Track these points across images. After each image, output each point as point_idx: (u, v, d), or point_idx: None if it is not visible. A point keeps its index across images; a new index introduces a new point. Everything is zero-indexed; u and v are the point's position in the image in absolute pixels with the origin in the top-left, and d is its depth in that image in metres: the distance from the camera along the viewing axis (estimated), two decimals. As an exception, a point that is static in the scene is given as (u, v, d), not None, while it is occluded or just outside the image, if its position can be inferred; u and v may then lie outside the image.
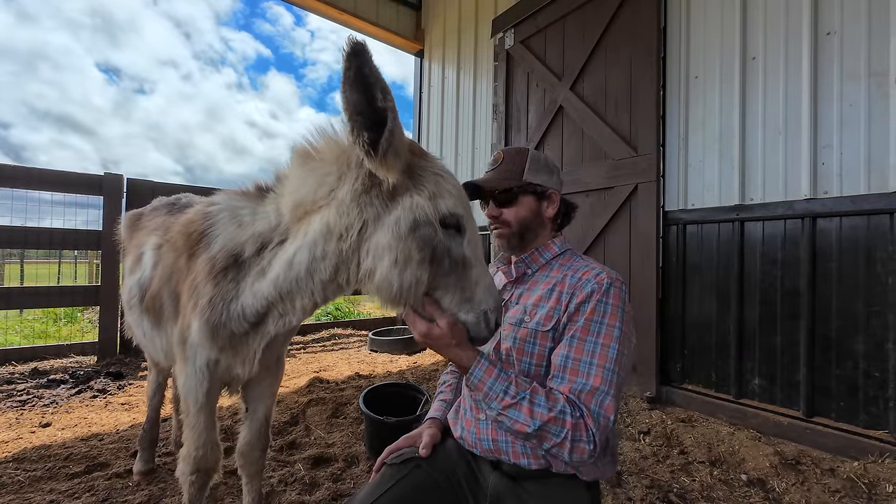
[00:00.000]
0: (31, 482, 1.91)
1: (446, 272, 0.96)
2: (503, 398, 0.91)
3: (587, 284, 1.02)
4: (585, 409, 0.90)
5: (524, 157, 1.18)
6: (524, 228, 1.16)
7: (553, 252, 1.17)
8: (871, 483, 1.91)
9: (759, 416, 2.48)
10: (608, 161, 3.38)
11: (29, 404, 2.87)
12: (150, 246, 1.59)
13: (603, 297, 0.99)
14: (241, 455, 1.51)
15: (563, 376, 0.95)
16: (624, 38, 3.33)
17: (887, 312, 2.14)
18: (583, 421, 0.89)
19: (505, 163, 1.19)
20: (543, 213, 1.18)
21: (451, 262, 0.96)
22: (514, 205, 1.16)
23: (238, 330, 1.17)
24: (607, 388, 0.91)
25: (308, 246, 1.04)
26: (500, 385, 0.92)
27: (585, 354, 0.95)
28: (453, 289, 0.96)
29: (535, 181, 1.16)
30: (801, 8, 2.46)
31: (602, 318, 0.97)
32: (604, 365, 0.93)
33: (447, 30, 5.48)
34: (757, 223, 2.61)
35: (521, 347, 1.05)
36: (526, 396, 0.90)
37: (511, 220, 1.16)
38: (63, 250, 4.68)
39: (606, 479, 1.98)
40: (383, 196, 0.97)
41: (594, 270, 1.05)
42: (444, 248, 0.95)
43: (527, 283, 1.16)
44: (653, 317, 3.01)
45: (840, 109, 2.31)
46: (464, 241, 0.97)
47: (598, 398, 0.91)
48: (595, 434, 0.88)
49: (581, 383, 0.92)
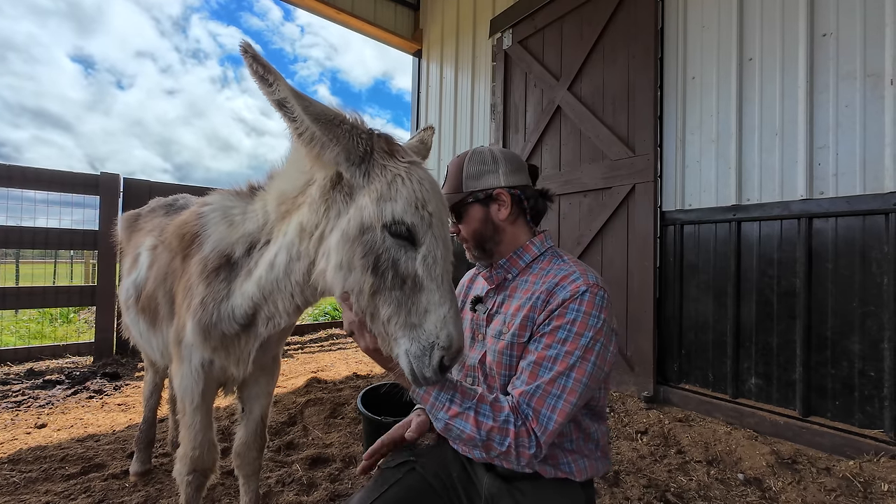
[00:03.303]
0: (26, 483, 1.90)
1: (390, 287, 0.86)
2: (449, 407, 0.89)
3: (561, 291, 0.97)
4: (532, 413, 0.89)
5: (461, 165, 1.11)
6: (481, 240, 1.09)
7: (532, 254, 1.10)
8: (866, 482, 1.92)
9: (755, 416, 2.49)
10: (606, 161, 3.39)
11: (24, 405, 2.86)
12: (146, 247, 1.59)
13: (575, 305, 0.94)
14: (238, 455, 1.50)
15: (522, 378, 0.94)
16: (621, 38, 3.34)
17: (882, 312, 2.15)
18: (524, 427, 0.87)
19: (449, 178, 1.13)
20: (494, 217, 1.09)
21: (395, 277, 0.86)
22: (463, 220, 1.10)
23: (229, 331, 1.17)
24: (560, 392, 0.89)
25: (286, 246, 1.03)
26: (445, 395, 0.89)
27: (547, 360, 0.92)
28: (398, 309, 0.85)
29: (475, 188, 1.08)
30: (797, 10, 2.47)
31: (571, 327, 0.93)
32: (562, 371, 0.90)
33: (445, 30, 5.48)
34: (753, 223, 2.62)
35: (500, 360, 1.02)
36: (472, 406, 0.88)
37: (467, 236, 1.11)
38: (59, 250, 4.66)
39: (601, 475, 1.98)
40: (344, 194, 0.93)
41: (571, 276, 0.99)
42: (388, 260, 0.86)
43: (507, 290, 1.10)
44: (650, 317, 3.02)
45: (836, 110, 2.33)
46: (417, 257, 0.87)
47: (549, 402, 0.89)
48: (540, 437, 0.87)
49: (535, 386, 0.90)
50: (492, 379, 1.06)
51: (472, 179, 1.09)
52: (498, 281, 1.11)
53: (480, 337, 1.11)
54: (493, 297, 1.12)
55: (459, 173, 1.11)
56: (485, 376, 1.08)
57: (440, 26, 5.57)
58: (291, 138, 0.92)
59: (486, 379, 1.08)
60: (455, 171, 1.12)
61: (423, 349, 0.83)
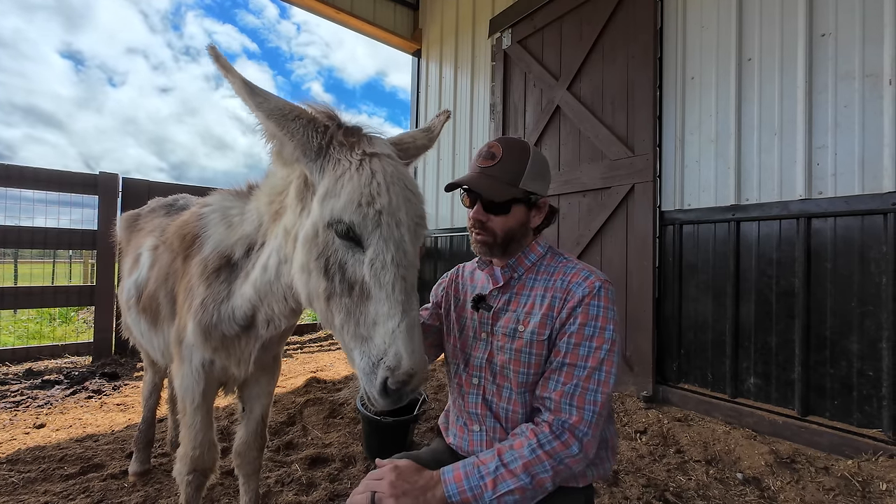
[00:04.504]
0: (25, 484, 1.90)
1: (340, 293, 0.80)
2: (485, 483, 0.84)
3: (578, 288, 0.99)
4: (575, 412, 0.90)
5: (526, 159, 1.04)
6: (509, 239, 1.06)
7: (538, 253, 1.11)
8: (864, 481, 1.93)
9: (754, 415, 2.50)
10: (605, 161, 3.39)
11: (23, 405, 2.85)
12: (147, 247, 1.59)
13: (595, 301, 0.97)
14: (238, 455, 1.50)
15: (557, 379, 0.95)
16: (621, 38, 3.34)
17: (881, 312, 2.16)
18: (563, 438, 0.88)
19: (505, 160, 1.02)
20: (530, 222, 1.09)
21: (343, 281, 0.80)
22: (503, 214, 1.04)
23: (229, 332, 1.17)
24: (597, 386, 0.92)
25: (276, 249, 1.02)
26: (474, 477, 0.85)
27: (580, 359, 0.94)
28: (347, 317, 0.79)
29: (530, 189, 1.04)
30: (796, 10, 2.47)
31: (595, 322, 0.96)
32: (595, 366, 0.93)
33: (445, 30, 5.48)
34: (752, 223, 2.63)
35: (518, 359, 1.02)
36: (497, 465, 0.85)
37: (497, 230, 1.04)
38: (58, 250, 4.65)
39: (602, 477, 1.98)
40: (312, 192, 0.88)
41: (583, 273, 1.02)
42: (336, 263, 0.81)
43: (514, 288, 1.10)
44: (649, 316, 3.02)
45: (835, 110, 2.33)
46: (364, 260, 0.79)
47: (589, 397, 0.92)
48: (587, 432, 0.89)
49: (573, 385, 0.93)
50: (502, 378, 1.05)
51: (531, 180, 1.04)
52: (505, 279, 1.10)
53: (484, 336, 1.10)
54: (498, 296, 1.11)
55: (522, 166, 1.03)
56: (493, 375, 1.07)
57: (439, 26, 5.57)
58: None
59: (496, 378, 1.06)
60: (518, 159, 1.03)
61: (372, 366, 0.76)
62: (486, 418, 1.07)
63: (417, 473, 0.86)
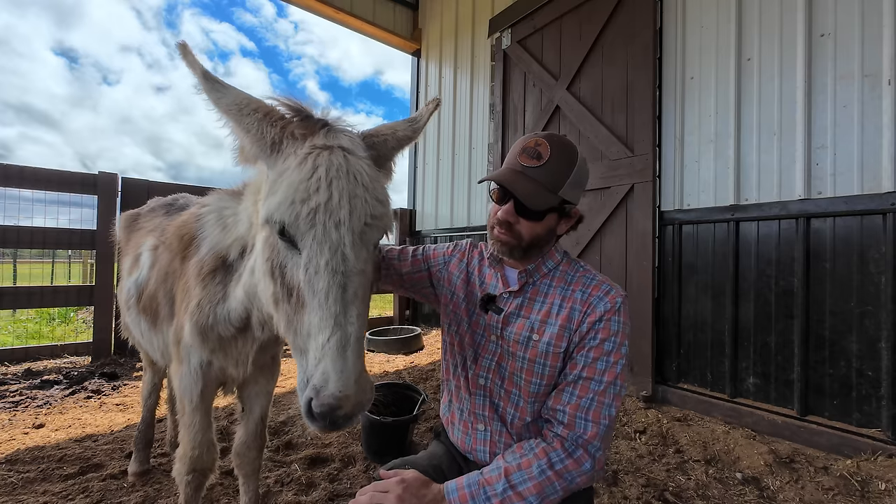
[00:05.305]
0: (24, 484, 1.89)
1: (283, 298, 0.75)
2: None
3: (599, 303, 0.98)
4: (590, 426, 0.91)
5: (572, 166, 0.97)
6: (533, 245, 1.02)
7: (555, 260, 1.08)
8: (864, 481, 1.93)
9: (753, 415, 2.50)
10: (605, 161, 3.39)
11: (22, 405, 2.85)
12: (147, 247, 1.59)
13: (616, 317, 0.97)
14: (238, 455, 1.50)
15: (572, 392, 0.95)
16: (620, 38, 3.34)
17: (880, 312, 2.16)
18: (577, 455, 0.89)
19: (552, 164, 0.95)
20: (557, 229, 1.05)
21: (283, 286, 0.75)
22: (535, 220, 0.98)
23: (225, 333, 1.16)
24: (611, 400, 0.94)
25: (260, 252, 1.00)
26: (481, 499, 0.84)
27: (597, 373, 0.94)
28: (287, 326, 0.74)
29: (568, 197, 0.99)
30: (795, 10, 2.48)
31: (615, 338, 0.96)
32: (611, 381, 0.94)
33: (444, 29, 5.48)
34: (752, 223, 2.63)
35: (532, 369, 1.00)
36: (505, 487, 0.85)
37: (524, 234, 0.99)
38: (57, 250, 4.64)
39: (599, 480, 1.97)
40: None
41: (603, 287, 1.01)
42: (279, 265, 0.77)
43: (527, 293, 1.06)
44: (648, 316, 3.02)
45: (834, 110, 2.33)
46: (300, 262, 0.73)
47: (604, 411, 0.93)
48: (599, 447, 0.91)
49: (589, 399, 0.93)
50: (511, 384, 1.04)
51: (571, 188, 0.99)
52: (521, 284, 1.06)
53: (494, 338, 1.07)
54: (510, 300, 1.07)
55: (567, 174, 0.97)
56: (502, 380, 1.05)
57: (439, 26, 5.57)
58: None
59: (504, 383, 1.05)
60: (564, 165, 0.97)
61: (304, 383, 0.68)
62: (492, 421, 1.06)
63: (425, 487, 0.86)
